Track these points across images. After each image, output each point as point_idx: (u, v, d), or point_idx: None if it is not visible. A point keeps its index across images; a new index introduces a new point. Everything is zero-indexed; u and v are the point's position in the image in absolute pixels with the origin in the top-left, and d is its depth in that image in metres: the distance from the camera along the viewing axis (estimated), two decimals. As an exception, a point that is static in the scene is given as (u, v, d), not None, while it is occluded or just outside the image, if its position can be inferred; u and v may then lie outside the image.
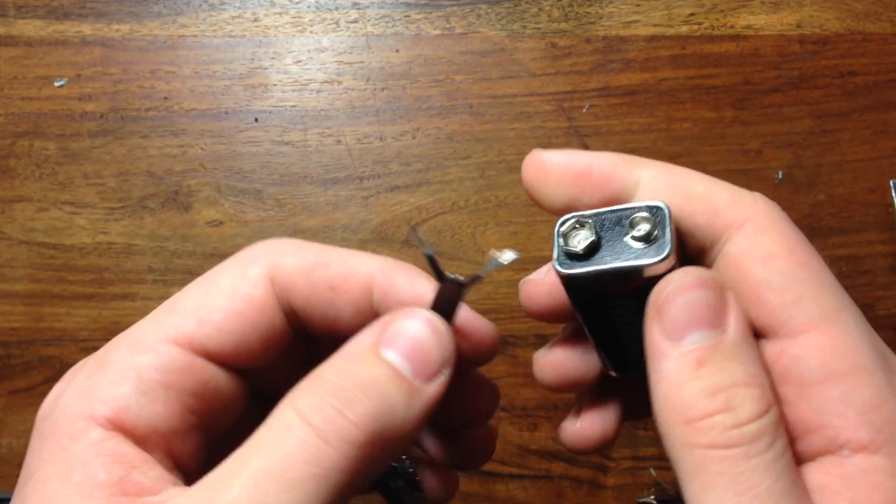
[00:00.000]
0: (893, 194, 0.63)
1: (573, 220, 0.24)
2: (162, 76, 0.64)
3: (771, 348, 0.23)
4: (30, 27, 0.64)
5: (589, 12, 0.65)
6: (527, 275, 0.28)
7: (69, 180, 0.63)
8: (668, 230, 0.23)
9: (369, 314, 0.24)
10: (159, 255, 0.62)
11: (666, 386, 0.21)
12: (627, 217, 0.24)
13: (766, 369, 0.22)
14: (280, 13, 0.65)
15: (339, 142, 0.64)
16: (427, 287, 0.25)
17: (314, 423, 0.20)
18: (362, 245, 0.63)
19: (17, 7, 0.65)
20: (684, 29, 0.65)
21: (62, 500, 0.19)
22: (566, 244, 0.24)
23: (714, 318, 0.22)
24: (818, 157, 0.64)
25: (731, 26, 0.65)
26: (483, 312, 0.27)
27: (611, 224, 0.24)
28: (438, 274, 0.24)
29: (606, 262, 0.24)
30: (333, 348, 0.23)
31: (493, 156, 0.64)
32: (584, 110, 0.64)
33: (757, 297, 0.23)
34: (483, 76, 0.64)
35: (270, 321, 0.23)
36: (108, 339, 0.24)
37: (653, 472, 0.59)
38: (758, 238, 0.23)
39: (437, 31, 0.65)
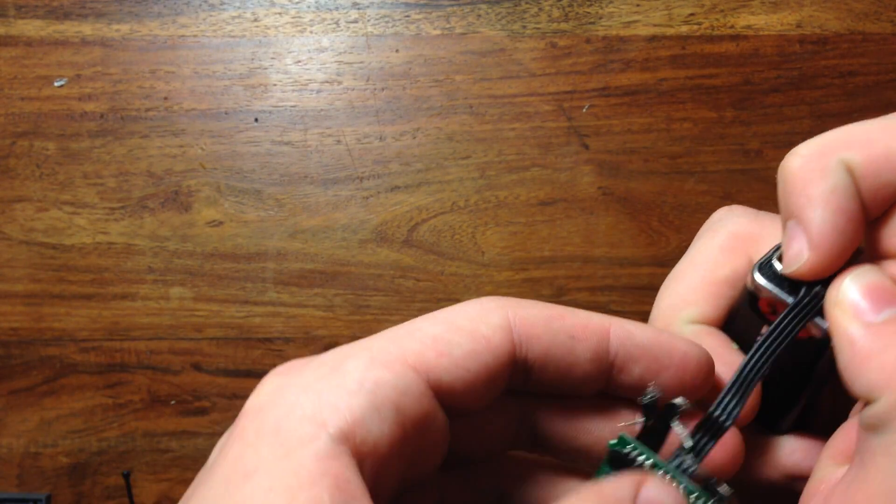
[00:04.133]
0: (893, 194, 0.63)
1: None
2: (162, 76, 0.64)
3: None
4: (30, 27, 0.64)
5: (589, 12, 0.65)
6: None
7: (69, 180, 0.63)
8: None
9: (606, 362, 0.25)
10: (159, 255, 0.62)
11: (858, 358, 0.20)
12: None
13: None
14: (280, 13, 0.65)
15: (339, 142, 0.64)
16: (652, 333, 0.25)
17: None
18: (362, 245, 0.63)
19: (17, 7, 0.65)
20: (684, 29, 0.65)
21: None
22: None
23: None
24: (818, 157, 0.64)
25: (731, 26, 0.65)
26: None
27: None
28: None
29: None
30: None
31: (493, 156, 0.64)
32: (584, 110, 0.64)
33: None
34: (483, 76, 0.64)
35: (500, 367, 0.23)
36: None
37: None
38: None
39: (437, 31, 0.65)
